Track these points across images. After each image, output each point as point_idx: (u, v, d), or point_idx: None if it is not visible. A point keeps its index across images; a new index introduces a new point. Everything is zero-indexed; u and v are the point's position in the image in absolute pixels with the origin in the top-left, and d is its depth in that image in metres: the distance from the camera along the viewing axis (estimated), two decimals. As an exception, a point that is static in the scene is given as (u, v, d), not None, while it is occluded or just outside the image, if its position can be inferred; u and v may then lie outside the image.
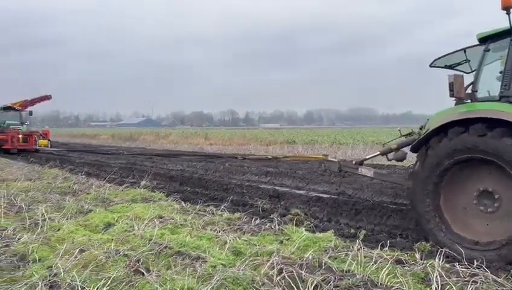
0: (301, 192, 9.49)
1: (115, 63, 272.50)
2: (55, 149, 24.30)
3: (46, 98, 25.80)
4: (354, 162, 7.45)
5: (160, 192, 9.28)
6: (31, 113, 25.94)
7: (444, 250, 4.85)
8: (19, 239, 5.60)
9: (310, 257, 4.65)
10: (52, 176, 12.04)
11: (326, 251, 5.13)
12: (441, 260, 4.51)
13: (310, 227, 6.49)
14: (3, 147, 21.96)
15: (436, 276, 4.10)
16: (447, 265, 4.48)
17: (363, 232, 6.21)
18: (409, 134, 7.05)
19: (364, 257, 4.68)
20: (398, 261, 4.66)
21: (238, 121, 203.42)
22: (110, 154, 20.04)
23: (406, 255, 4.87)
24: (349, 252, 4.85)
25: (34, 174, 12.57)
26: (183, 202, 8.02)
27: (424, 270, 4.34)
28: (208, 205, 7.78)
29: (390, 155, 7.02)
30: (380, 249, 5.01)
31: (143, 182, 10.77)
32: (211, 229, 6.11)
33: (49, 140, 23.43)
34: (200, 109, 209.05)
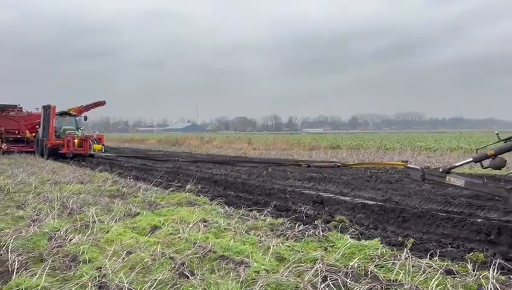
0: (346, 198, 9.34)
1: (164, 71, 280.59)
2: (110, 155, 24.51)
3: (100, 103, 26.18)
4: (440, 170, 6.60)
5: (205, 196, 9.39)
6: (85, 118, 26.57)
7: (498, 261, 4.61)
8: (70, 240, 5.81)
9: (356, 264, 4.55)
10: (102, 180, 12.46)
11: (372, 259, 5.00)
12: (496, 272, 4.29)
13: (355, 234, 6.35)
14: (60, 151, 22.61)
15: (490, 288, 3.90)
16: (502, 277, 4.25)
17: (411, 240, 6.01)
18: (510, 138, 6.21)
19: (412, 266, 4.52)
20: (449, 272, 4.47)
21: (281, 125, 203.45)
22: (164, 160, 19.84)
23: (457, 265, 4.66)
24: (397, 261, 4.70)
25: (85, 178, 13.07)
26: (226, 206, 8.08)
27: (477, 282, 4.13)
28: (251, 210, 7.79)
29: (486, 162, 6.28)
30: (429, 258, 4.82)
31: (188, 186, 10.95)
32: (254, 234, 6.11)
33: (103, 145, 23.57)
34: (243, 114, 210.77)
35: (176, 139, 43.05)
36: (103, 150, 23.50)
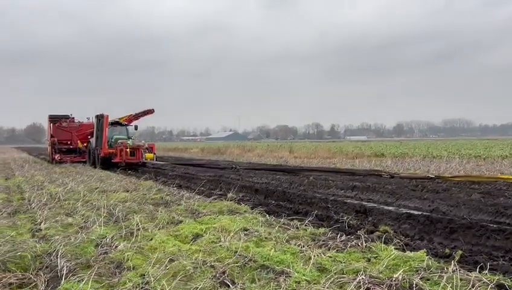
0: (390, 208, 9.10)
1: (208, 81, 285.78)
2: (164, 163, 23.98)
3: (149, 112, 25.98)
4: None
5: (246, 204, 9.42)
6: (136, 127, 26.26)
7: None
8: (116, 247, 5.97)
9: (400, 277, 4.41)
10: (146, 188, 12.77)
11: (417, 271, 4.83)
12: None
13: (400, 245, 6.17)
14: (113, 160, 22.35)
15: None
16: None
17: (459, 252, 5.76)
18: None
19: (461, 279, 4.33)
20: (500, 286, 4.25)
21: (322, 133, 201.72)
22: (223, 169, 19.54)
23: (509, 280, 4.43)
24: (443, 274, 4.52)
25: (131, 186, 13.43)
26: (267, 215, 8.06)
27: (532, 299, 3.90)
28: (292, 219, 7.73)
29: None
30: (479, 271, 4.61)
31: (229, 195, 11.03)
32: (295, 244, 6.05)
33: (154, 153, 23.47)
34: (284, 123, 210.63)
35: (218, 148, 43.56)
36: (155, 159, 23.28)
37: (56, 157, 27.28)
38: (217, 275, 4.82)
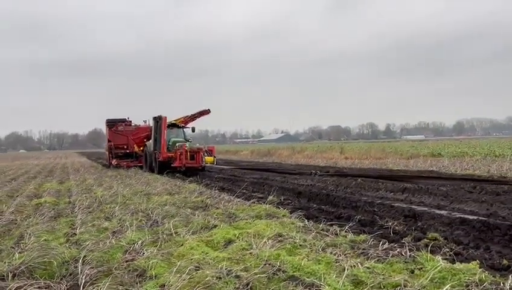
0: (442, 212, 8.35)
1: (263, 83, 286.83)
2: (227, 168, 22.51)
3: (205, 112, 24.09)
4: None
5: (285, 208, 9.01)
6: (193, 129, 24.77)
7: None
8: (143, 253, 5.78)
9: (445, 294, 3.85)
10: (189, 191, 12.66)
11: (468, 286, 4.24)
12: None
13: (450, 255, 5.53)
14: (172, 165, 20.90)
15: None
16: None
17: (520, 265, 5.05)
18: None
19: (519, 299, 3.70)
20: None
21: (377, 133, 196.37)
22: (296, 173, 17.63)
23: None
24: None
25: (175, 189, 13.40)
26: (306, 220, 7.61)
27: None
28: (332, 225, 7.24)
29: None
30: (542, 289, 3.94)
31: (270, 198, 10.67)
32: (331, 252, 5.58)
33: (214, 157, 21.62)
34: (337, 123, 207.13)
35: (268, 150, 43.28)
36: (215, 162, 21.70)
37: (113, 162, 26.78)
38: (240, 286, 4.47)
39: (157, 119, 22.58)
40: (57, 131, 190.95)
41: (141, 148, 25.99)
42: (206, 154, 20.93)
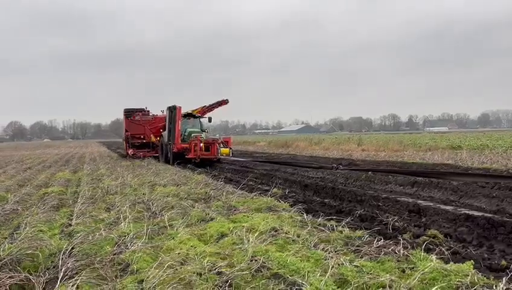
0: (448, 207, 8.03)
1: (287, 75, 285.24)
2: (243, 160, 21.69)
3: (223, 102, 23.55)
4: None
5: (287, 202, 8.83)
6: (210, 120, 24.12)
7: None
8: (132, 247, 5.69)
9: (430, 296, 3.63)
10: (196, 182, 12.57)
11: (458, 288, 4.00)
12: None
13: (448, 253, 5.27)
14: (186, 156, 20.42)
15: None
16: None
17: (518, 266, 4.77)
18: None
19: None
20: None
21: (399, 125, 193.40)
22: (316, 167, 15.86)
23: None
24: (489, 294, 3.67)
25: (182, 180, 13.33)
26: (305, 214, 7.42)
27: None
28: (331, 219, 7.03)
29: None
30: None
31: (274, 190, 10.50)
32: (322, 249, 5.39)
33: (230, 148, 20.90)
34: (359, 115, 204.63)
35: (285, 141, 42.96)
36: (231, 154, 20.82)
37: (129, 152, 26.40)
38: (220, 283, 4.33)
39: (172, 109, 22.04)
40: (80, 121, 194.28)
41: (158, 138, 25.44)
42: (221, 146, 20.33)
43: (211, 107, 23.36)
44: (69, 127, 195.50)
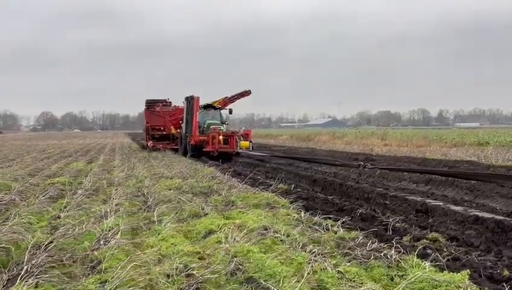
0: (458, 208, 7.49)
1: (315, 68, 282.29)
2: (264, 155, 20.61)
3: (246, 93, 22.54)
4: None
5: (288, 198, 8.45)
6: (230, 111, 23.22)
7: None
8: (111, 242, 5.44)
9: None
10: (203, 175, 12.30)
11: (446, 302, 3.57)
12: None
13: (445, 260, 4.80)
14: (204, 149, 19.74)
15: None
16: None
17: (522, 277, 4.26)
18: None
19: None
20: None
21: (429, 120, 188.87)
22: (341, 165, 14.25)
23: None
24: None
25: (191, 173, 13.08)
26: (303, 212, 7.04)
27: None
28: (329, 218, 6.62)
29: None
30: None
31: (280, 185, 10.15)
32: (310, 251, 4.99)
33: (250, 141, 20.01)
34: (387, 109, 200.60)
35: (307, 135, 42.38)
36: (251, 148, 19.90)
37: (149, 144, 25.59)
38: (187, 287, 4.02)
39: (189, 99, 21.29)
40: (109, 112, 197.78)
41: (178, 130, 24.61)
42: (241, 139, 19.53)
43: (232, 99, 22.51)
44: (99, 118, 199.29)
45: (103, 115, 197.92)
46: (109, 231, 6.03)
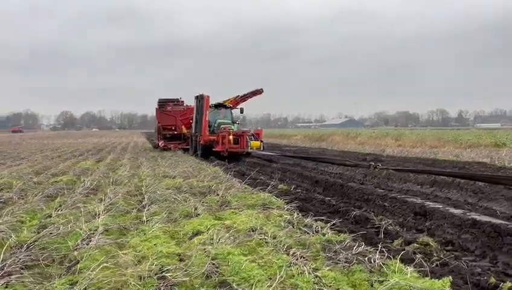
0: (456, 211, 7.26)
1: (333, 68, 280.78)
2: (274, 154, 20.51)
3: (258, 92, 22.31)
4: None
5: (284, 199, 8.30)
6: (242, 110, 22.73)
7: None
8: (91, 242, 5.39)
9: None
10: (206, 175, 12.22)
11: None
12: None
13: (431, 265, 4.61)
14: (214, 149, 19.47)
15: None
16: None
17: (508, 285, 4.05)
18: None
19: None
20: None
21: (448, 120, 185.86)
22: (352, 166, 13.67)
23: None
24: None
25: (194, 172, 13.02)
26: (295, 213, 6.89)
27: None
28: (321, 220, 6.45)
29: None
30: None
31: (281, 185, 10.02)
32: (293, 254, 4.86)
33: (261, 141, 19.69)
34: (406, 109, 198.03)
35: (320, 135, 42.05)
36: (262, 148, 19.62)
37: (160, 144, 25.58)
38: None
39: (199, 99, 21.06)
40: (128, 111, 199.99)
41: (189, 130, 24.37)
42: (252, 138, 19.20)
43: (244, 97, 22.22)
44: (117, 117, 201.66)
45: (121, 115, 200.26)
46: (95, 230, 6.00)
